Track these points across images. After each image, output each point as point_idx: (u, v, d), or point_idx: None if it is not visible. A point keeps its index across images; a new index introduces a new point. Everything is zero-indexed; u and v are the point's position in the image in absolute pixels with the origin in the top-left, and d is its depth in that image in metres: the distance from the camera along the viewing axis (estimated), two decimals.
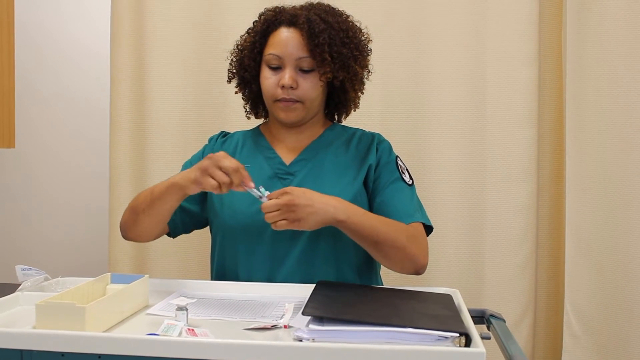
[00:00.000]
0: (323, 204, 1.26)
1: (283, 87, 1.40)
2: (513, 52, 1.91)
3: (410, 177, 1.48)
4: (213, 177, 1.23)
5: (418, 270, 1.37)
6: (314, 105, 1.45)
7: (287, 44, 1.40)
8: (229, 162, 1.23)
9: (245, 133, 1.57)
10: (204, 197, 1.50)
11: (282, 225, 1.24)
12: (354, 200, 1.38)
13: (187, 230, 1.53)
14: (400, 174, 1.46)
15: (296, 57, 1.39)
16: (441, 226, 1.90)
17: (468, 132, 1.94)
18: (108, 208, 2.05)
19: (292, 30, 1.40)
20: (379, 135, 1.54)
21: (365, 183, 1.45)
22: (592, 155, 1.81)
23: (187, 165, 1.51)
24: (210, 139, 1.59)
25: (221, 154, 1.25)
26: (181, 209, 1.47)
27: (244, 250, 1.41)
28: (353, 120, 1.63)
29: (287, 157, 1.48)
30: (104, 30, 2.10)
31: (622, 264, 1.77)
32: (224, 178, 1.22)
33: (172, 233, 1.51)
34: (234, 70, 1.53)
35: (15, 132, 2.20)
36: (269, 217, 1.24)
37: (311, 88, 1.41)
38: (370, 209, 1.43)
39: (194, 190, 1.28)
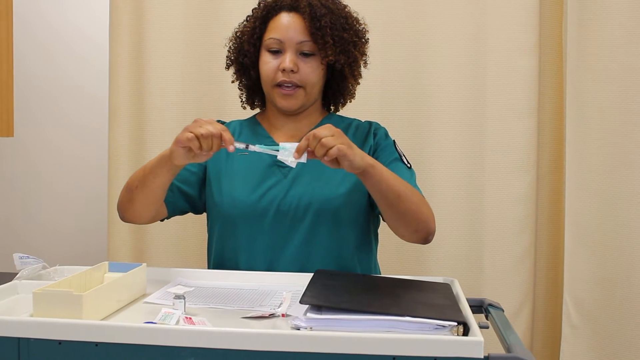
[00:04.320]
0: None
1: (284, 70, 1.40)
2: (513, 41, 1.90)
3: (408, 162, 1.48)
4: (191, 131, 1.19)
5: (429, 234, 1.36)
6: (314, 92, 1.46)
7: (288, 28, 1.40)
8: (212, 122, 1.19)
9: (242, 122, 1.57)
10: (202, 182, 1.49)
11: (339, 150, 1.16)
12: (355, 186, 1.39)
13: (183, 212, 1.51)
14: (400, 155, 1.47)
15: (297, 41, 1.40)
16: (441, 216, 1.88)
17: (468, 122, 1.93)
18: (107, 197, 2.04)
19: (293, 15, 1.41)
20: (375, 122, 1.55)
21: None
22: (592, 146, 1.80)
23: None
24: None
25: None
26: (179, 191, 1.46)
27: (245, 238, 1.41)
28: (353, 111, 1.62)
29: None
30: (103, 19, 2.09)
31: (621, 254, 1.76)
32: (201, 130, 1.17)
33: (169, 215, 1.48)
34: (232, 57, 1.52)
35: (14, 121, 2.19)
36: (327, 141, 1.15)
37: (312, 72, 1.42)
38: None
39: (179, 155, 1.23)
